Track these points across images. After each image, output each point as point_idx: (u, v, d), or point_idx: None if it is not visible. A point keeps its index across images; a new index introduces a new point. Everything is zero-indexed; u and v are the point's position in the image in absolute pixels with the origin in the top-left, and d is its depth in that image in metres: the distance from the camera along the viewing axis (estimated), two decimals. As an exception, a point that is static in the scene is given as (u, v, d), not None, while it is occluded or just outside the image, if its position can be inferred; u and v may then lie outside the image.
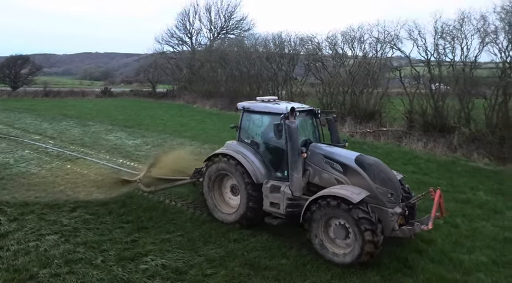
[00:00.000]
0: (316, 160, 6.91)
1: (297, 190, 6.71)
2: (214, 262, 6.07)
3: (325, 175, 6.77)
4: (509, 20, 14.11)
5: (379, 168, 6.56)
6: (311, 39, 24.21)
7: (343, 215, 5.90)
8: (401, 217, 6.39)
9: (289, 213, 6.79)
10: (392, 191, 6.36)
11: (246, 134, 7.82)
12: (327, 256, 6.10)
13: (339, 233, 6.07)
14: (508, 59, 14.39)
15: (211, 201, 7.87)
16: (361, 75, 20.62)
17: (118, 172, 11.30)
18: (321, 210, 6.10)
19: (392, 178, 6.61)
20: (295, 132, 6.66)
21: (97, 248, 6.48)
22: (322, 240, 6.19)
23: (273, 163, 7.35)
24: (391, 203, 6.28)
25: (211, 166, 7.81)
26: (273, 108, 7.33)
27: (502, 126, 14.12)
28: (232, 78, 30.18)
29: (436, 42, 16.41)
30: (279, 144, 7.16)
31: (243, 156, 7.34)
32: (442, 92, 16.83)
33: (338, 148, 7.23)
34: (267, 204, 7.08)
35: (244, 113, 7.81)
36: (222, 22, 39.09)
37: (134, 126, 20.51)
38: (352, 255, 5.83)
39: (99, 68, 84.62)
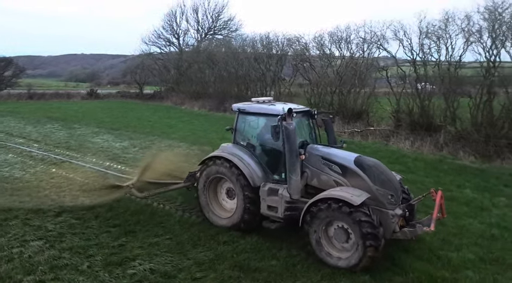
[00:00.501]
0: (314, 162, 6.79)
1: (296, 193, 6.58)
2: (203, 266, 5.99)
3: (324, 177, 6.66)
4: (492, 20, 14.37)
5: (379, 170, 6.46)
6: (298, 40, 24.32)
7: (343, 218, 5.78)
8: (402, 219, 6.32)
9: (288, 216, 6.65)
10: (393, 193, 6.26)
11: (241, 136, 7.66)
12: (329, 261, 5.95)
13: (340, 236, 5.95)
14: (492, 58, 14.64)
15: (206, 205, 7.71)
16: (348, 75, 20.75)
17: (108, 177, 11.09)
18: (321, 213, 5.97)
19: (392, 179, 6.51)
20: (293, 133, 6.52)
21: (83, 253, 6.34)
22: (322, 244, 6.06)
23: (270, 165, 7.21)
24: (391, 205, 6.17)
25: (206, 170, 7.64)
26: (269, 109, 7.19)
27: (487, 124, 14.34)
28: (220, 79, 30.07)
29: (421, 42, 16.62)
30: (276, 146, 7.01)
31: (239, 159, 7.19)
32: (428, 91, 17.04)
33: (336, 150, 7.10)
34: (265, 207, 6.93)
35: (239, 114, 7.63)
36: (209, 23, 39.00)
37: (121, 128, 20.24)
38: (353, 259, 5.73)
39: (85, 69, 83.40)
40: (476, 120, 14.75)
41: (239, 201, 7.18)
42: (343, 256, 5.91)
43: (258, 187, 7.00)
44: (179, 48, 39.06)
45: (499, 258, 6.28)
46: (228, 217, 7.39)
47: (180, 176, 9.95)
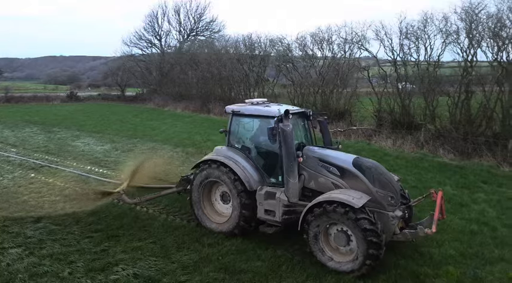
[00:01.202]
0: (311, 164, 6.63)
1: (294, 196, 6.44)
2: (188, 269, 5.93)
3: (322, 180, 6.51)
4: (469, 21, 14.76)
5: (378, 171, 6.36)
6: (281, 41, 24.45)
7: (344, 221, 5.69)
8: (401, 220, 6.26)
9: (286, 220, 6.52)
10: (392, 194, 6.17)
11: (235, 139, 7.48)
12: (329, 265, 5.87)
13: (340, 240, 5.86)
14: (469, 58, 15.05)
15: (200, 210, 7.49)
16: (330, 76, 20.98)
17: (90, 181, 10.87)
18: (321, 216, 5.85)
19: (392, 180, 6.42)
20: (291, 135, 6.36)
21: (64, 260, 6.18)
22: (322, 248, 5.97)
23: (266, 168, 7.04)
24: (391, 206, 6.08)
25: (199, 174, 7.40)
26: (264, 111, 7.00)
27: (465, 122, 14.73)
28: (204, 80, 29.90)
29: (401, 42, 16.98)
30: (273, 149, 6.85)
31: (234, 162, 6.98)
32: (408, 90, 17.38)
33: (333, 151, 6.97)
34: (262, 211, 6.75)
35: (234, 116, 7.41)
36: (191, 24, 38.80)
37: (103, 131, 19.91)
38: (356, 261, 5.65)
39: (64, 71, 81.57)
40: (454, 118, 15.13)
41: (235, 205, 6.98)
42: (344, 260, 5.83)
43: (255, 191, 6.82)
44: (161, 50, 38.70)
45: (478, 253, 6.44)
46: (223, 223, 7.20)
47: (166, 180, 9.84)
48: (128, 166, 10.28)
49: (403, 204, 6.53)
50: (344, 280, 5.55)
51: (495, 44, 14.11)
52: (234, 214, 7.00)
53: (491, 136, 13.79)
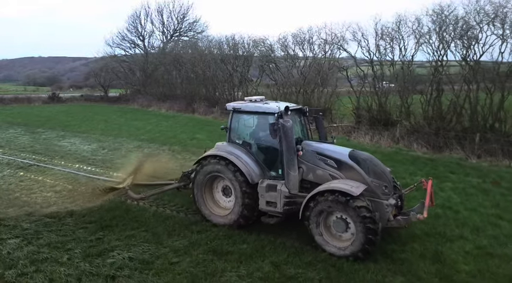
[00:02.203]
0: (309, 158, 6.99)
1: (294, 188, 6.85)
2: (179, 252, 6.43)
3: (319, 172, 6.88)
4: (439, 22, 15.69)
5: (372, 163, 6.82)
6: (264, 41, 25.03)
7: (343, 209, 6.09)
8: (394, 208, 6.71)
9: (287, 210, 6.88)
10: (386, 184, 6.64)
11: (236, 135, 7.78)
12: (330, 250, 6.24)
13: (339, 226, 6.26)
14: (440, 58, 15.98)
15: (203, 203, 7.77)
16: (312, 75, 21.71)
17: (79, 178, 11.19)
18: (321, 205, 6.24)
19: (385, 171, 6.86)
20: (291, 130, 6.74)
21: (61, 248, 6.59)
22: (322, 234, 6.35)
23: (266, 162, 7.36)
24: (385, 195, 6.54)
25: (202, 169, 7.70)
26: (265, 107, 7.33)
27: (437, 118, 15.67)
28: (188, 80, 30.24)
29: (377, 43, 17.80)
30: (272, 144, 7.20)
31: (236, 157, 7.28)
32: (385, 89, 18.25)
33: (329, 145, 7.38)
34: (263, 203, 7.07)
35: (234, 113, 7.73)
36: (175, 24, 38.93)
37: (88, 131, 20.05)
38: (352, 248, 6.05)
39: (43, 72, 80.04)
40: (427, 114, 16.04)
41: (237, 198, 7.26)
42: (343, 245, 6.22)
43: (256, 184, 7.14)
44: (144, 50, 38.72)
45: (441, 232, 7.17)
46: (226, 215, 7.48)
47: (163, 177, 10.20)
48: (130, 164, 10.62)
49: (395, 193, 7.01)
50: (320, 257, 6.17)
51: (463, 45, 15.05)
52: (236, 207, 7.30)
53: (461, 131, 14.73)
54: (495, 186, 10.33)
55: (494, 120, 14.31)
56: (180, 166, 11.28)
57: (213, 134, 19.08)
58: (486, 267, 5.90)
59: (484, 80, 14.60)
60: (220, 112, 25.52)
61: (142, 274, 5.74)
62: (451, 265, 5.95)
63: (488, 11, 14.35)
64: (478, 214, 8.13)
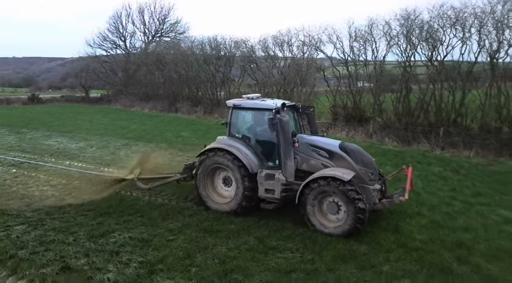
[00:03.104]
0: (303, 149, 7.69)
1: (290, 176, 7.56)
2: (173, 231, 7.23)
3: (313, 162, 7.59)
4: (406, 26, 16.97)
5: (359, 153, 7.59)
6: (245, 42, 25.95)
7: (336, 193, 6.82)
8: (379, 193, 7.48)
9: (284, 197, 7.57)
10: (372, 171, 7.41)
11: (236, 129, 8.40)
12: (323, 230, 6.93)
13: (332, 209, 7.00)
14: (408, 59, 17.26)
15: (205, 193, 8.35)
16: (291, 75, 22.75)
17: (72, 174, 11.72)
18: (316, 190, 6.95)
19: (371, 160, 7.62)
20: (287, 124, 7.41)
21: (66, 231, 7.26)
22: (317, 216, 7.04)
23: (264, 154, 8.01)
24: (371, 181, 7.32)
25: (205, 161, 8.28)
26: (263, 104, 8.01)
27: (406, 114, 16.95)
28: (170, 80, 30.78)
29: (351, 45, 18.99)
30: (270, 137, 7.82)
31: (236, 150, 7.89)
32: (359, 88, 19.46)
33: (320, 138, 8.12)
34: (262, 191, 7.73)
35: (234, 109, 8.35)
36: (156, 25, 39.36)
37: (73, 131, 20.41)
38: (344, 227, 6.78)
39: (18, 73, 78.22)
40: (397, 111, 17.31)
41: (238, 187, 7.87)
42: (335, 225, 6.92)
43: (255, 174, 7.80)
44: (126, 51, 38.96)
45: (402, 211, 8.21)
46: (227, 203, 8.11)
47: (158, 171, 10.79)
48: (135, 158, 11.19)
49: (379, 179, 7.81)
50: (298, 232, 7.10)
51: (428, 47, 16.37)
52: (237, 195, 7.92)
53: (427, 125, 16.04)
54: (454, 173, 11.56)
55: (457, 115, 15.67)
56: (169, 161, 12.03)
57: (198, 132, 19.88)
58: (437, 236, 6.98)
59: (447, 79, 15.94)
60: (204, 111, 26.29)
61: (143, 249, 6.51)
62: (407, 235, 6.98)
63: (450, 16, 15.72)
64: (436, 196, 9.27)
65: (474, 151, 13.82)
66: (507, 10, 14.31)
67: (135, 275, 5.68)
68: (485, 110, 14.94)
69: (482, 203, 8.82)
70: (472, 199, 9.06)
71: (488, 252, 6.43)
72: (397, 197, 7.29)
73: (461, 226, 7.47)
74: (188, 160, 10.61)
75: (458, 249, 6.52)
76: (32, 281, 5.56)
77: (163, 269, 5.85)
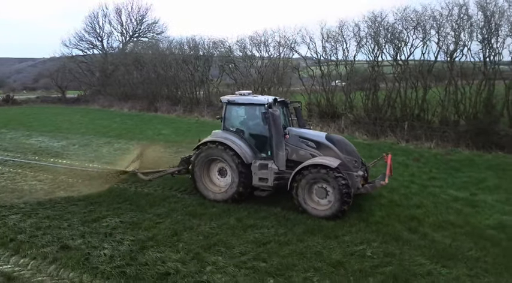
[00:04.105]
0: (293, 141, 8.39)
1: (282, 165, 8.26)
2: (161, 216, 7.96)
3: (302, 152, 8.31)
4: (374, 27, 18.19)
5: (344, 142, 8.41)
6: (223, 43, 26.67)
7: (324, 179, 7.55)
8: (362, 179, 8.28)
9: (276, 185, 8.24)
10: (356, 159, 8.21)
11: (230, 123, 8.98)
12: (314, 212, 7.64)
13: (320, 194, 7.70)
14: (376, 59, 18.48)
15: (202, 183, 8.88)
16: (268, 75, 23.68)
17: (58, 170, 12.15)
18: (306, 177, 7.65)
19: (354, 150, 8.43)
20: (279, 118, 8.13)
21: (60, 218, 7.84)
22: (307, 201, 7.74)
23: (257, 146, 8.66)
24: (355, 168, 8.12)
25: (201, 153, 8.82)
26: (255, 100, 8.65)
27: (374, 110, 18.17)
28: (149, 80, 31.10)
29: (323, 45, 20.09)
30: (262, 130, 8.51)
31: (232, 142, 8.47)
32: (331, 87, 20.59)
33: (308, 130, 8.93)
34: (256, 180, 8.37)
35: (228, 105, 8.94)
36: (134, 25, 39.44)
37: (53, 130, 20.58)
38: (332, 209, 7.51)
39: (-15, 75, 75.60)
40: (367, 107, 18.52)
41: (234, 177, 8.45)
42: (323, 208, 7.64)
43: (249, 164, 8.41)
44: (103, 51, 38.88)
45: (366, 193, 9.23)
46: (223, 192, 8.69)
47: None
48: (133, 151, 11.77)
49: (362, 166, 8.59)
50: (273, 212, 8.01)
51: (393, 47, 17.64)
52: (233, 184, 8.51)
53: (394, 120, 17.27)
54: (415, 162, 12.76)
55: (420, 110, 16.99)
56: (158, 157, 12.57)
57: (178, 130, 20.51)
58: (393, 212, 8.02)
59: (410, 77, 17.24)
60: (183, 110, 26.86)
61: (134, 231, 7.22)
62: (368, 212, 7.98)
63: (412, 18, 17.02)
64: (396, 181, 10.35)
65: (435, 142, 15.15)
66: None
67: (128, 250, 6.40)
68: (445, 105, 16.31)
69: (436, 185, 10.01)
70: (427, 182, 10.22)
71: (435, 224, 7.52)
72: (378, 182, 8.13)
73: (415, 204, 8.57)
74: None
75: (411, 222, 7.57)
76: (34, 259, 6.19)
77: (154, 245, 6.59)
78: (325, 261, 6.03)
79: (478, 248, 6.50)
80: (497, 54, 15.20)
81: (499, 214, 8.08)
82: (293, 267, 5.84)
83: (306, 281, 5.52)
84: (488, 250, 6.43)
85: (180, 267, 5.85)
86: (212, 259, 6.10)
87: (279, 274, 5.68)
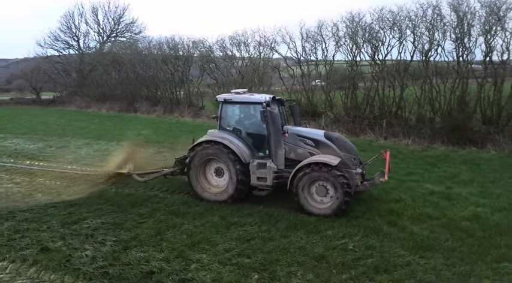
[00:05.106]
0: (291, 139, 8.27)
1: (281, 164, 8.19)
2: (143, 216, 7.88)
3: (300, 151, 8.19)
4: (352, 27, 18.54)
5: (343, 140, 8.40)
6: (203, 42, 26.57)
7: (324, 177, 7.50)
8: (361, 176, 8.25)
9: (275, 183, 8.15)
10: (354, 157, 8.20)
11: (226, 122, 8.84)
12: (313, 210, 7.60)
13: (320, 192, 7.66)
14: (354, 58, 18.84)
15: (199, 185, 8.70)
16: (249, 74, 23.75)
17: (35, 172, 11.83)
18: (306, 175, 7.59)
19: (353, 147, 8.40)
20: (277, 116, 8.10)
21: (38, 221, 7.62)
22: (307, 198, 7.68)
23: (255, 145, 8.52)
24: (354, 166, 8.08)
25: (197, 154, 8.62)
26: (253, 98, 8.56)
27: (354, 108, 18.52)
28: (128, 80, 30.63)
29: (303, 45, 20.32)
30: (260, 128, 8.37)
31: (229, 141, 8.33)
32: (312, 86, 20.85)
33: (306, 128, 8.82)
34: (255, 179, 8.25)
35: (224, 104, 8.74)
36: (111, 25, 38.70)
37: (28, 132, 20.00)
38: (332, 207, 7.49)
39: (-48, 76, 72.46)
40: (346, 106, 18.85)
41: (231, 177, 8.30)
42: (323, 206, 7.63)
43: (247, 164, 8.28)
44: (80, 51, 38.01)
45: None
46: (220, 192, 8.54)
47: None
48: (122, 152, 11.37)
49: (360, 164, 8.58)
50: (256, 209, 8.06)
51: (371, 47, 18.03)
52: (231, 184, 8.37)
53: (372, 118, 17.67)
54: (393, 158, 13.05)
55: (397, 108, 17.42)
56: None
57: (159, 130, 20.32)
58: (373, 207, 8.24)
59: (388, 76, 17.67)
60: (163, 110, 26.61)
61: (116, 231, 7.13)
62: (349, 207, 8.05)
63: (389, 19, 17.45)
64: (376, 177, 10.60)
65: (412, 139, 15.60)
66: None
67: (111, 251, 6.32)
68: (421, 103, 16.79)
69: (413, 180, 10.34)
70: (405, 178, 10.53)
71: (413, 217, 7.76)
72: (377, 179, 8.17)
73: (394, 198, 8.82)
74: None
75: (390, 215, 7.79)
76: (13, 262, 6.02)
77: (137, 245, 6.53)
78: (308, 255, 6.14)
79: (454, 239, 6.75)
80: (469, 53, 15.77)
81: (473, 206, 8.41)
82: (277, 262, 5.91)
83: (289, 275, 5.60)
84: (464, 240, 6.69)
85: (164, 266, 5.83)
86: (196, 257, 6.10)
87: (263, 269, 5.74)
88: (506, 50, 14.88)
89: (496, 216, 7.84)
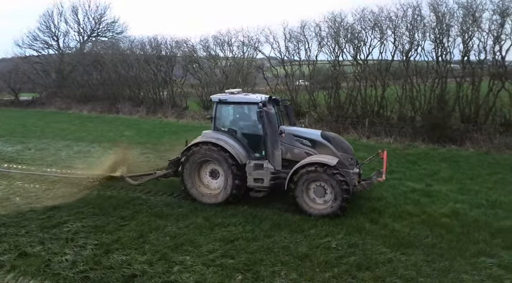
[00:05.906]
0: (287, 140, 8.19)
1: (278, 165, 8.11)
2: (126, 218, 7.75)
3: (296, 151, 8.13)
4: (334, 28, 18.72)
5: (339, 140, 8.34)
6: (186, 42, 26.36)
7: (323, 177, 7.46)
8: (358, 176, 8.22)
9: (273, 184, 8.05)
10: (351, 156, 8.19)
11: (221, 123, 8.69)
12: (311, 211, 7.55)
13: (318, 192, 7.63)
14: (337, 58, 19.03)
15: (193, 187, 8.54)
16: (233, 74, 23.69)
17: (12, 175, 11.52)
18: (304, 176, 7.50)
19: (350, 147, 8.36)
20: (274, 116, 7.98)
21: (16, 226, 7.40)
22: (305, 199, 7.63)
23: (250, 145, 8.39)
24: (351, 165, 8.07)
25: (192, 155, 8.41)
26: (248, 98, 8.42)
27: (337, 108, 18.71)
28: (110, 81, 30.12)
29: (286, 45, 20.40)
30: (255, 129, 8.28)
31: (224, 142, 8.18)
32: (295, 86, 20.96)
33: (302, 128, 8.75)
34: (251, 180, 8.12)
35: (218, 104, 8.59)
36: (92, 25, 37.96)
37: (6, 135, 19.41)
38: (332, 207, 7.46)
39: None
40: (329, 106, 19.03)
41: (227, 178, 8.13)
42: (322, 207, 7.58)
43: (243, 165, 8.14)
44: (59, 51, 37.16)
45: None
46: (216, 194, 8.38)
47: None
48: (114, 156, 11.19)
49: (357, 163, 8.60)
50: (240, 210, 8.05)
51: (353, 47, 18.25)
52: (227, 186, 8.21)
53: (355, 117, 17.89)
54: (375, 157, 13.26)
55: (379, 107, 17.69)
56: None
57: (141, 131, 20.05)
58: (355, 205, 8.28)
59: (369, 76, 17.91)
60: (146, 111, 26.27)
61: (97, 234, 6.99)
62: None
63: (370, 19, 17.69)
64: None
65: (393, 138, 15.87)
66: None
67: (92, 255, 6.20)
68: (402, 102, 17.09)
69: (395, 178, 10.51)
70: (386, 176, 10.60)
71: (395, 214, 7.89)
72: (375, 178, 8.16)
73: (376, 196, 8.95)
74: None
75: (372, 213, 7.90)
76: (-11, 268, 5.84)
77: (119, 248, 6.43)
78: (292, 254, 6.16)
79: (434, 235, 6.89)
80: (448, 53, 16.15)
81: (452, 203, 8.61)
82: (261, 262, 5.92)
83: (273, 275, 5.61)
84: (443, 236, 6.84)
85: (147, 269, 5.75)
86: (180, 259, 6.04)
87: (247, 269, 5.74)
88: (483, 50, 15.32)
89: (474, 212, 8.05)
